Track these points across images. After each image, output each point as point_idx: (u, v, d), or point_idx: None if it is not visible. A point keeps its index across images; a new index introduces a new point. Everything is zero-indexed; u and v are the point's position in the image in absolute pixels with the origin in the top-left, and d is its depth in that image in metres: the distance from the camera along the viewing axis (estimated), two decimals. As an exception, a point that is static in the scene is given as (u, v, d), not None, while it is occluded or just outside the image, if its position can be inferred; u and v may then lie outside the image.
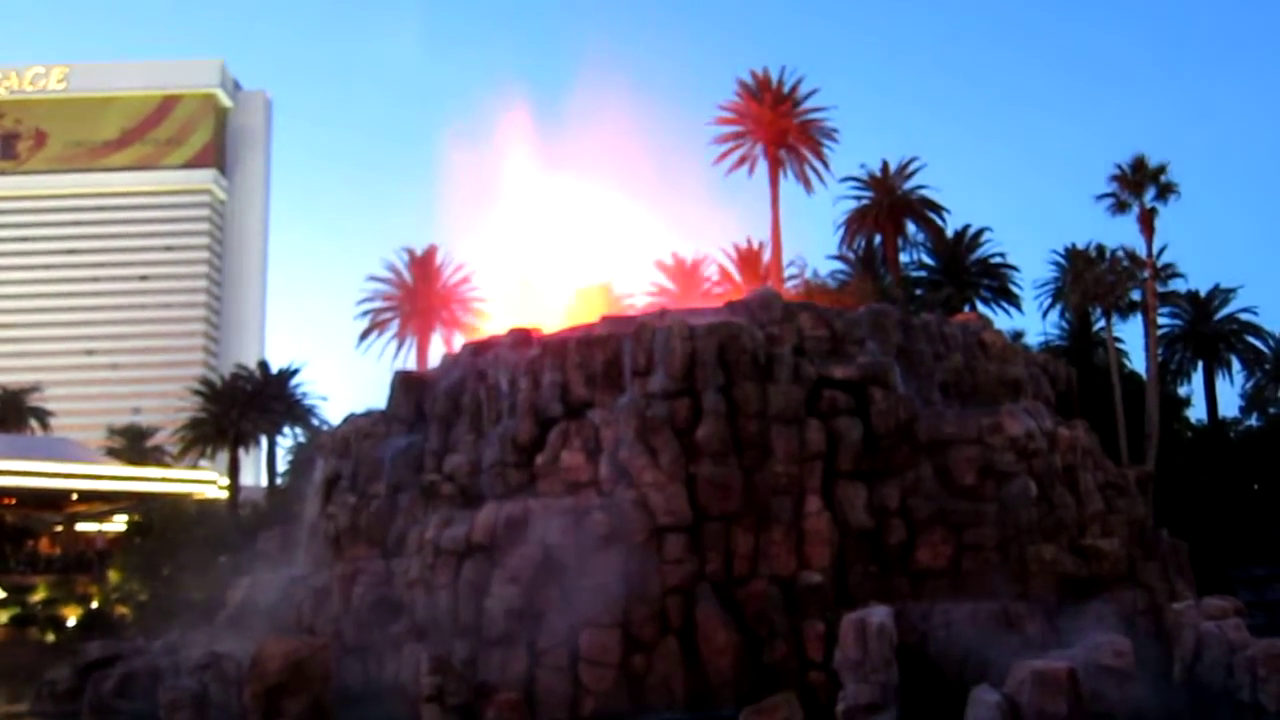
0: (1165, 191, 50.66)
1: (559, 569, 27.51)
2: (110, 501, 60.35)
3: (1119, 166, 50.91)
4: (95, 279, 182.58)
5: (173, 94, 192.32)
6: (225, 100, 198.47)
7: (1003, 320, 56.86)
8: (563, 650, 26.29)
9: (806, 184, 56.59)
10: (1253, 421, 62.78)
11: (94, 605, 49.73)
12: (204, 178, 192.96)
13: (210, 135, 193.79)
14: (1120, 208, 51.16)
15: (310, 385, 71.07)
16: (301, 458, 58.32)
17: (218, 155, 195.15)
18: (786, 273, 54.37)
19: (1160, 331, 56.44)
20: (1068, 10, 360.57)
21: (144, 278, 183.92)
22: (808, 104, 56.78)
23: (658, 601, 26.95)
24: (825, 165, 56.76)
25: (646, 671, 26.39)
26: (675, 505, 28.15)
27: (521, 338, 34.28)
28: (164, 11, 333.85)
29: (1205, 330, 61.83)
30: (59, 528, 63.90)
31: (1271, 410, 63.48)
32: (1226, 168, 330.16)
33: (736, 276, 55.96)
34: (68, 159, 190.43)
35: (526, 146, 46.22)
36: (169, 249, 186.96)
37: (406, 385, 35.74)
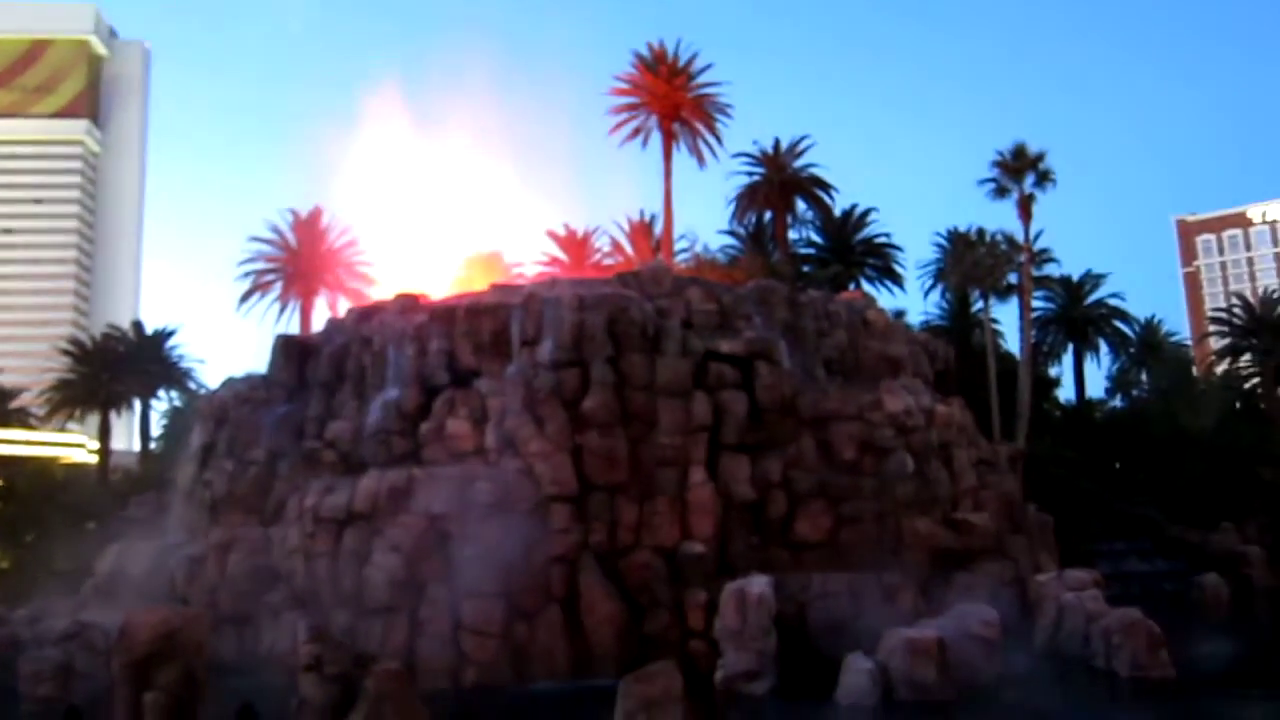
0: (1043, 179, 52.51)
1: (443, 538, 27.27)
2: (-30, 465, 57.59)
3: (1000, 153, 52.60)
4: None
5: (42, 39, 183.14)
6: (100, 48, 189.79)
7: (886, 299, 58.21)
8: (445, 619, 26.14)
9: (699, 158, 56.81)
10: (1117, 402, 65.85)
11: (-49, 573, 47.47)
12: (75, 128, 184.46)
13: (83, 84, 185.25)
14: (1000, 193, 52.86)
15: (188, 348, 68.98)
16: (177, 422, 56.53)
17: (91, 105, 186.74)
18: (677, 246, 54.68)
19: (1034, 314, 58.61)
20: (947, 10, 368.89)
21: (8, 231, 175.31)
22: (702, 79, 56.92)
23: (541, 571, 26.97)
24: (718, 140, 57.04)
25: (529, 641, 26.43)
26: (561, 475, 28.16)
27: (409, 304, 33.77)
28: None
29: (1076, 314, 64.39)
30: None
31: (1135, 392, 66.67)
32: (1101, 156, 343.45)
33: (628, 248, 55.98)
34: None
35: (414, 107, 45.32)
36: (38, 201, 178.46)
37: (288, 350, 34.92)
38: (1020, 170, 52.18)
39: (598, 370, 29.40)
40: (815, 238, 63.71)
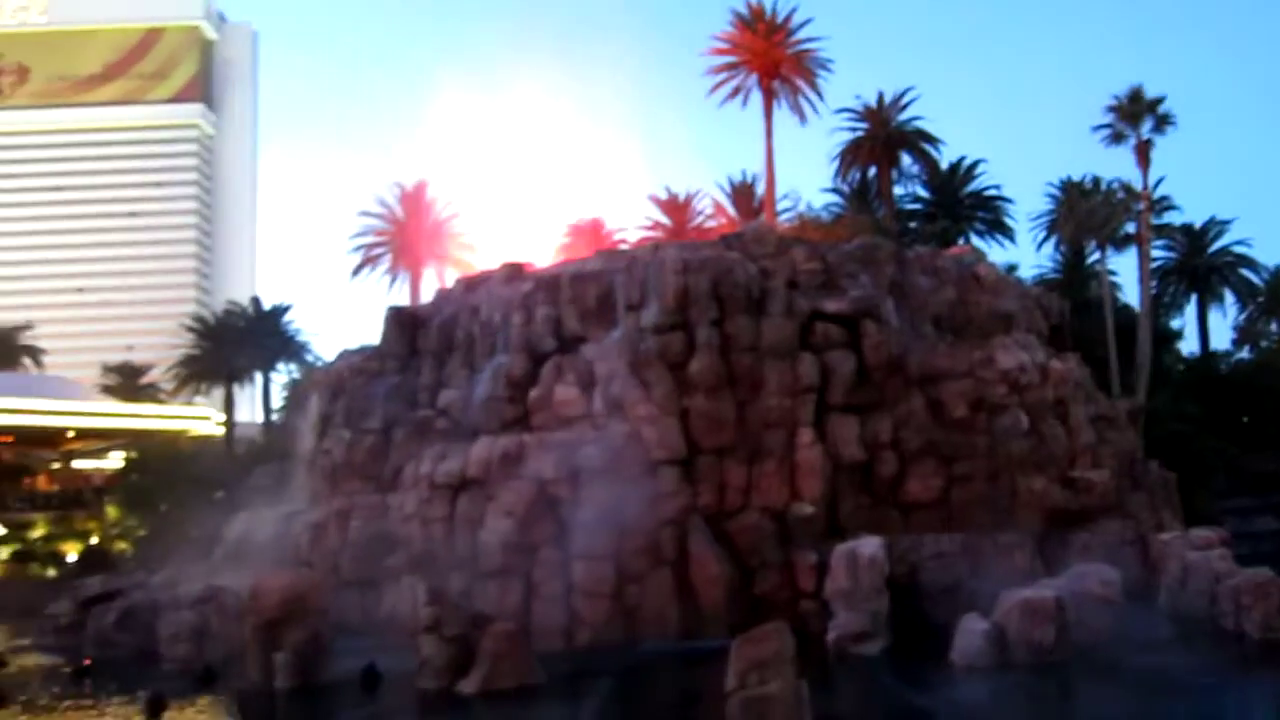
0: (1162, 123, 50.31)
1: (553, 502, 27.72)
2: (106, 439, 60.49)
3: (1115, 98, 50.51)
4: (83, 215, 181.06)
5: (156, 27, 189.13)
6: (210, 33, 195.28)
7: (997, 253, 56.69)
8: (558, 582, 26.60)
9: (801, 115, 55.88)
10: (1244, 354, 63.03)
11: (93, 541, 50.11)
12: (190, 112, 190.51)
13: (195, 69, 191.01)
14: (1116, 139, 50.84)
15: (303, 322, 71.25)
16: (296, 394, 58.37)
17: (204, 89, 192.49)
18: (780, 206, 54.02)
19: (1154, 264, 56.36)
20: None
21: (133, 214, 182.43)
22: (801, 34, 55.91)
23: (651, 533, 27.18)
24: (820, 96, 56.01)
25: (640, 602, 26.70)
26: (668, 439, 28.30)
27: (514, 272, 34.19)
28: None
29: (1199, 263, 61.77)
30: (56, 465, 64.10)
31: (1263, 344, 63.71)
32: (1224, 100, 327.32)
33: (730, 210, 55.60)
34: (51, 94, 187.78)
35: (517, 79, 45.56)
36: (158, 185, 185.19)
37: (399, 321, 35.70)
38: (1137, 115, 50.09)
39: (703, 333, 29.40)
40: (922, 192, 62.32)
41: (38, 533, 50.68)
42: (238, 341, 65.45)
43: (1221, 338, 65.24)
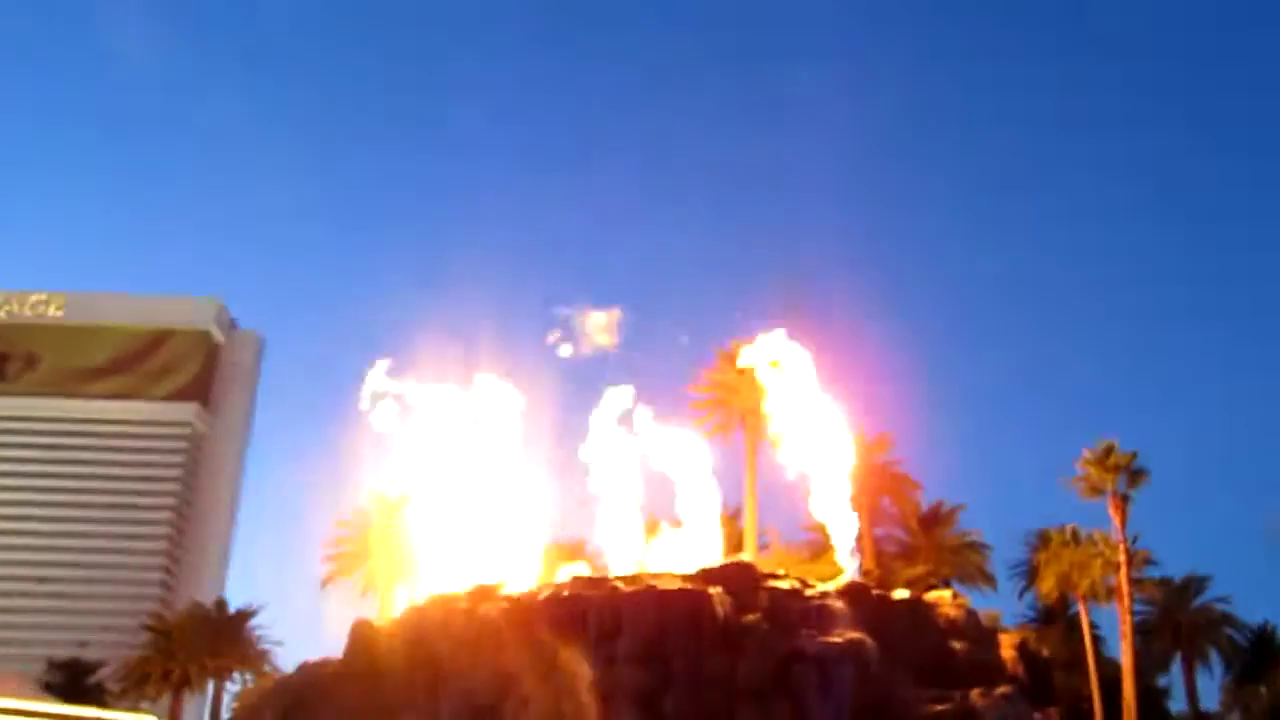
0: (1136, 478, 51.39)
1: None
2: (35, 746, 56.83)
3: (1089, 452, 51.85)
4: (61, 504, 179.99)
5: (167, 329, 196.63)
6: (218, 336, 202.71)
7: (977, 599, 56.03)
8: None
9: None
10: (1235, 718, 61.08)
11: None
12: (185, 411, 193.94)
13: (198, 369, 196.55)
14: (1092, 491, 51.74)
15: (268, 629, 68.80)
16: (247, 707, 55.53)
17: (203, 389, 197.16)
18: (760, 540, 54.06)
19: (1136, 618, 55.79)
20: (1043, 292, 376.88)
21: (111, 506, 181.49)
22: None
23: None
24: (801, 434, 57.45)
25: None
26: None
27: (486, 593, 33.62)
28: (170, 245, 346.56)
29: (1182, 620, 61.14)
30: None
31: (1253, 707, 61.89)
32: (1200, 452, 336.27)
33: (711, 540, 55.47)
34: (55, 383, 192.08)
35: (509, 404, 46.72)
36: (142, 479, 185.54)
37: (364, 636, 34.71)
38: (1111, 470, 51.30)
39: (678, 668, 28.54)
40: (900, 535, 62.57)
41: None
42: (194, 645, 63.17)
43: (1210, 698, 63.47)
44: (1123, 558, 51.29)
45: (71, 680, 75.95)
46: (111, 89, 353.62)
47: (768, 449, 56.17)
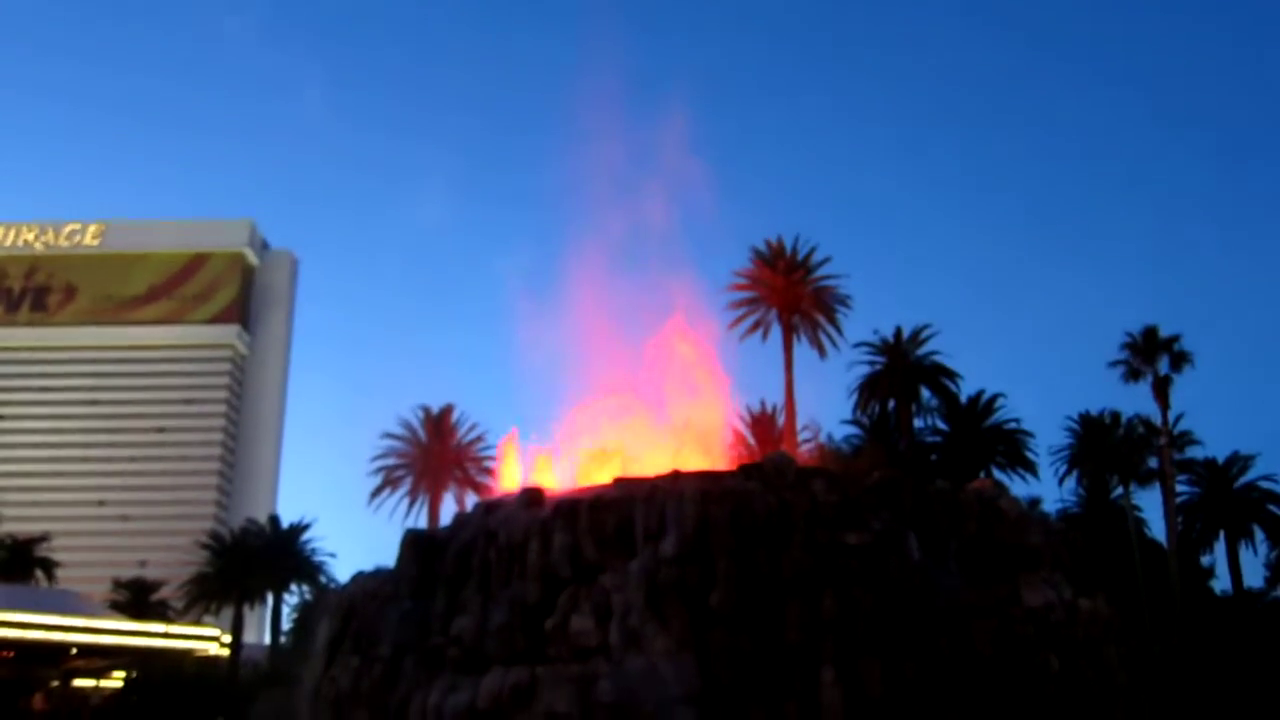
0: (1178, 361, 50.99)
1: (565, 740, 26.62)
2: (110, 657, 59.14)
3: (1130, 335, 51.43)
4: (113, 430, 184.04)
5: (202, 253, 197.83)
6: (253, 259, 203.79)
7: (1019, 487, 56.32)
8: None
9: (820, 350, 57.18)
10: (1279, 594, 61.37)
11: (84, 768, 48.21)
12: (227, 334, 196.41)
13: (236, 292, 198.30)
14: (1133, 376, 51.47)
15: (320, 541, 70.58)
16: (306, 616, 57.33)
17: (242, 311, 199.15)
18: (800, 437, 54.36)
19: (1179, 500, 55.83)
20: (1086, 182, 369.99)
21: (161, 430, 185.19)
22: (820, 271, 57.87)
23: (667, 776, 25.94)
24: (839, 331, 57.47)
25: None
26: (686, 674, 27.39)
27: (533, 498, 34.09)
28: (201, 169, 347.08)
29: (1225, 499, 61.09)
30: (54, 684, 62.46)
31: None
32: (1243, 330, 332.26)
33: (750, 440, 55.90)
34: (95, 313, 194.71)
35: (541, 310, 46.81)
36: (188, 402, 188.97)
37: (415, 545, 35.34)
38: (1152, 353, 50.84)
39: (722, 565, 28.94)
40: (941, 426, 62.65)
41: (28, 758, 48.86)
42: (252, 560, 65.04)
43: (1254, 574, 63.73)
44: (1165, 440, 51.12)
45: (136, 598, 78.73)
46: (132, 13, 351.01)
47: (806, 347, 56.29)
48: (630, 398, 43.54)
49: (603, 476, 36.04)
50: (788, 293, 56.46)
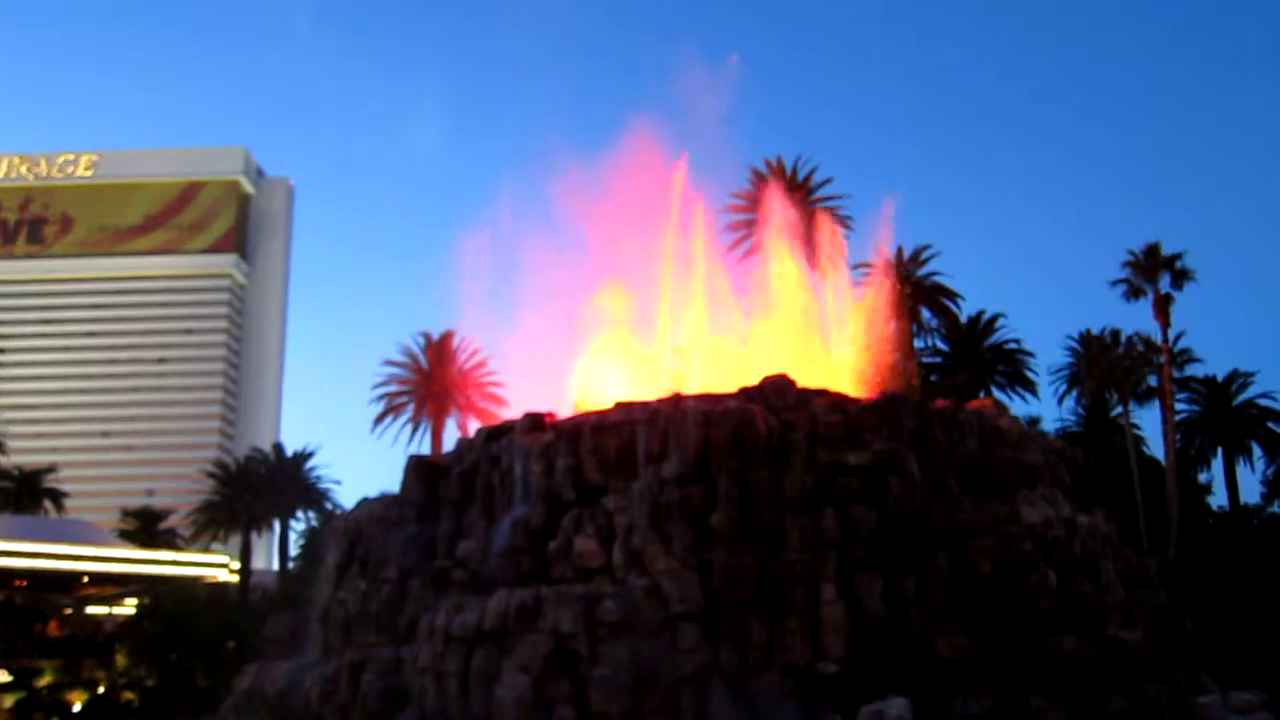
0: (1180, 278, 50.88)
1: (571, 658, 27.11)
2: (121, 584, 59.99)
3: (1131, 253, 51.21)
4: (113, 361, 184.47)
5: (197, 181, 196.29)
6: (248, 187, 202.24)
7: (1019, 406, 56.59)
8: (573, 742, 25.79)
9: (821, 270, 56.77)
10: (1276, 509, 62.00)
11: (100, 690, 49.14)
12: (225, 262, 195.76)
13: (233, 221, 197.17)
14: (1135, 294, 51.37)
15: (325, 469, 71.37)
16: (314, 542, 58.04)
17: (239, 240, 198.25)
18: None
19: (1178, 417, 56.13)
20: (1084, 99, 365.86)
21: (162, 360, 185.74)
22: (822, 192, 57.41)
23: (671, 691, 26.46)
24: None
25: (660, 764, 25.80)
26: (688, 593, 27.80)
27: (535, 422, 34.25)
28: (192, 99, 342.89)
29: (1224, 416, 61.41)
30: (68, 610, 63.47)
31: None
32: (1246, 249, 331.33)
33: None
34: (92, 244, 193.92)
35: (542, 237, 46.44)
36: (188, 332, 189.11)
37: (419, 470, 35.65)
38: (1154, 270, 50.70)
39: (724, 485, 29.19)
40: (941, 346, 62.72)
41: (44, 681, 49.79)
42: (258, 488, 65.62)
43: (1251, 491, 64.36)
44: (1165, 357, 51.22)
45: (144, 527, 79.58)
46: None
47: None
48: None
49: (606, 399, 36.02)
50: (788, 213, 56.00)
